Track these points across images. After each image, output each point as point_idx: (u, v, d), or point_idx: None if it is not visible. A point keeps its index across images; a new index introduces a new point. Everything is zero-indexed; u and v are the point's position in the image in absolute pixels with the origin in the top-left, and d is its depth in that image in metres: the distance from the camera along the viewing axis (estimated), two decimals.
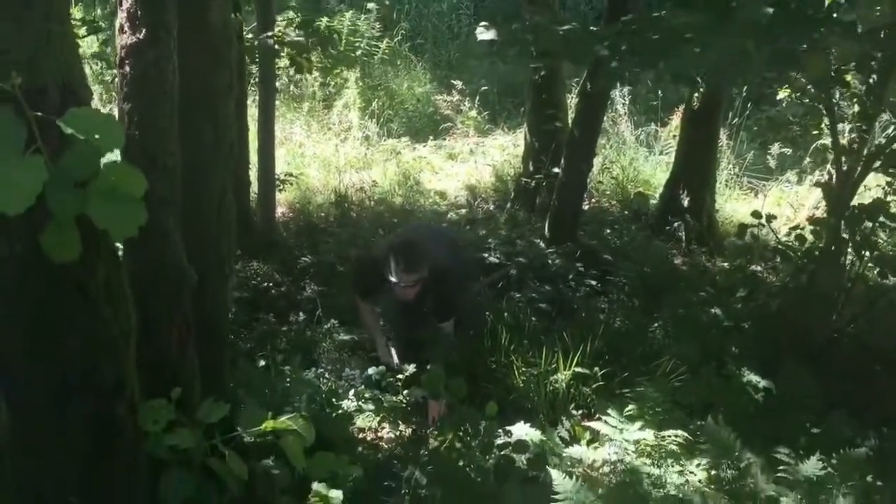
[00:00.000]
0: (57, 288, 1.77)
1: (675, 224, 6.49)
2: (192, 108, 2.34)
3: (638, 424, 3.67)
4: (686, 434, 3.54)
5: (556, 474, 2.73)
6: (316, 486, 2.13)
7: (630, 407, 3.76)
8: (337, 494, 2.12)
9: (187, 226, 2.32)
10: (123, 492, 1.93)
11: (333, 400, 3.43)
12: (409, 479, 2.76)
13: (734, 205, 7.26)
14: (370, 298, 4.60)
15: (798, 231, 4.90)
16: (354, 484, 2.32)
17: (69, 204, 1.57)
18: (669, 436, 3.57)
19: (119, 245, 1.99)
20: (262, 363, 3.93)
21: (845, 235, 4.73)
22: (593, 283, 5.60)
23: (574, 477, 2.75)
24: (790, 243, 4.93)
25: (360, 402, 3.59)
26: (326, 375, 3.93)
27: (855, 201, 4.68)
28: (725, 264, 6.23)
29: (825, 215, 4.86)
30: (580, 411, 4.16)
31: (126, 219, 1.59)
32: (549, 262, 5.76)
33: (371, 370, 4.08)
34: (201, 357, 2.36)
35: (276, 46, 5.42)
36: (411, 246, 4.31)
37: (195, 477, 1.78)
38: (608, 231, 6.57)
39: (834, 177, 4.70)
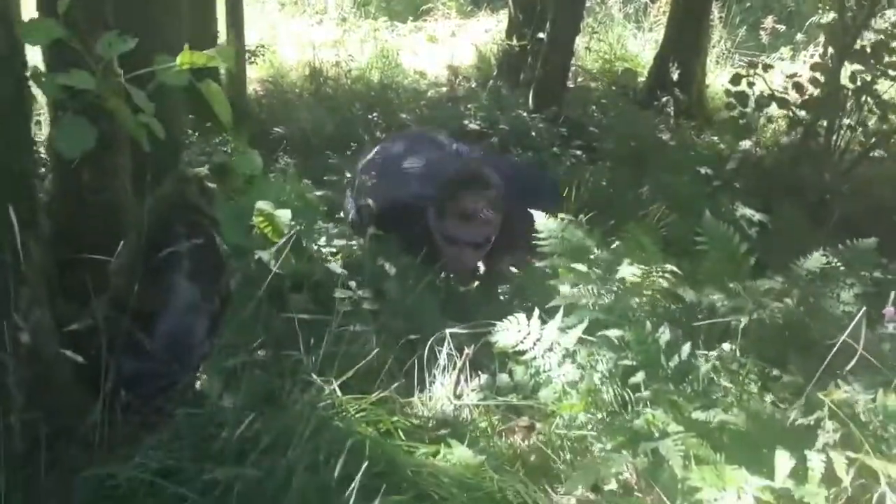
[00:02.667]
0: None
1: (664, 99, 6.23)
2: None
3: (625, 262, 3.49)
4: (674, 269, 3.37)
5: None
6: (260, 204, 1.89)
7: (616, 244, 3.59)
8: (284, 214, 1.87)
9: None
10: None
11: None
12: None
13: (725, 81, 7.00)
14: None
15: (795, 79, 4.67)
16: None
17: None
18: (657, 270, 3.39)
19: None
20: None
21: (845, 83, 4.52)
22: (578, 153, 5.39)
23: None
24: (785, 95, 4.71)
25: None
26: None
27: None
28: (715, 138, 6.02)
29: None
30: None
31: None
32: (533, 130, 5.52)
33: None
34: None
35: None
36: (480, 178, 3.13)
37: (97, 126, 1.51)
38: (594, 108, 6.32)
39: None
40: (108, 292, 1.87)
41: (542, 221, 2.29)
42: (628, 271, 2.51)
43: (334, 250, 3.03)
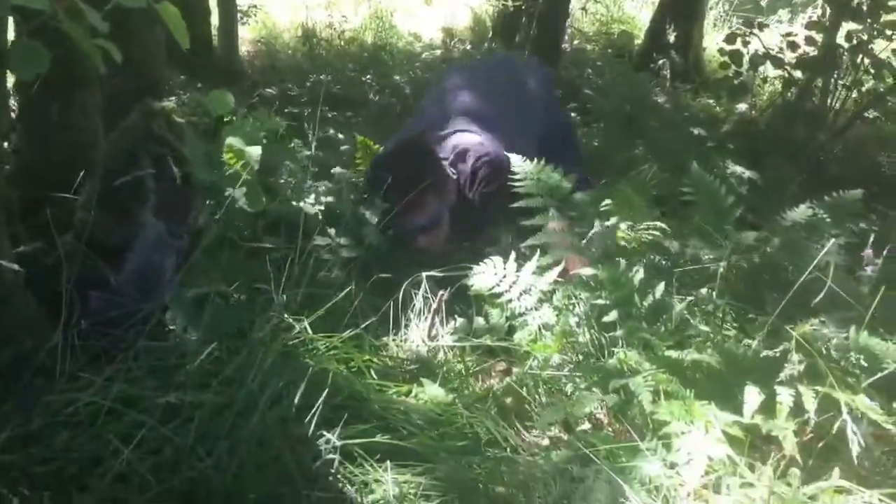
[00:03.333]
0: None
1: (660, 61, 6.19)
2: None
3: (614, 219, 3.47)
4: (664, 226, 3.35)
5: None
6: (230, 140, 1.86)
7: (606, 202, 3.56)
8: (255, 151, 1.84)
9: None
10: None
11: None
12: None
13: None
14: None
15: (791, 38, 4.61)
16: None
17: None
18: (646, 227, 3.37)
19: None
20: None
21: (841, 42, 4.47)
22: (573, 115, 5.35)
23: None
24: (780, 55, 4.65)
25: None
26: None
27: None
28: (710, 101, 5.97)
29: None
30: None
31: None
32: None
33: None
34: None
35: None
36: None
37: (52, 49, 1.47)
38: (590, 70, 6.26)
39: None
40: (74, 228, 1.85)
41: (519, 163, 2.26)
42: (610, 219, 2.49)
43: (321, 207, 3.02)
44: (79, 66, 1.92)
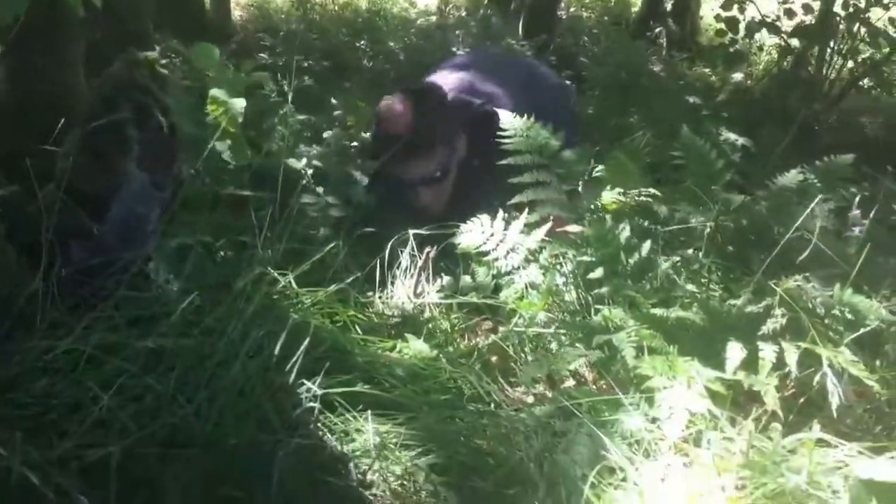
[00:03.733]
0: None
1: (657, 29, 6.16)
2: None
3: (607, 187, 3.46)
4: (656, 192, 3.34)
5: None
6: (214, 91, 1.84)
7: (598, 168, 3.54)
8: (239, 103, 1.82)
9: None
10: None
11: None
12: None
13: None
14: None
15: (788, 6, 4.57)
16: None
17: None
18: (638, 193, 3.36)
19: None
20: None
21: (838, 10, 4.43)
22: (568, 82, 5.31)
23: None
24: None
25: None
26: None
27: None
28: (706, 70, 5.94)
29: None
30: None
31: None
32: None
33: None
34: None
35: None
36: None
37: None
38: (585, 37, 6.23)
39: None
40: (56, 178, 1.84)
41: (508, 119, 2.25)
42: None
43: (310, 170, 2.99)
44: (59, 11, 1.89)
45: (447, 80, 2.88)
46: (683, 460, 1.59)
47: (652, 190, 3.37)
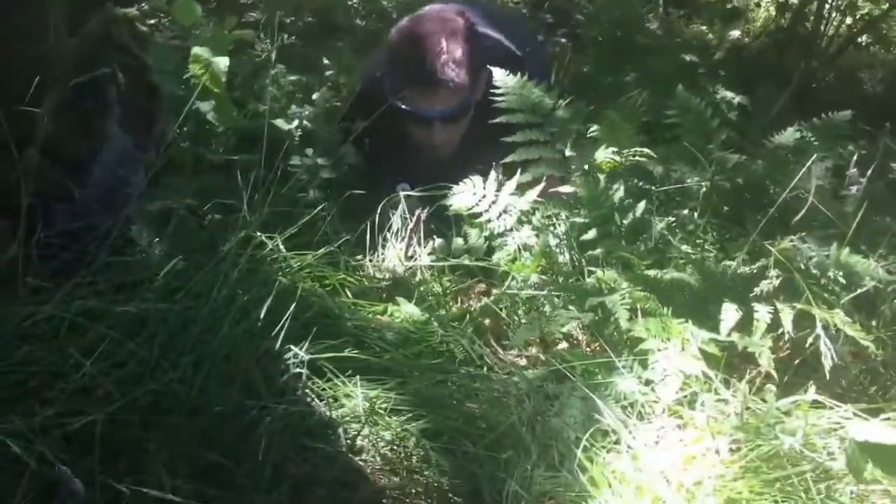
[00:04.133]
0: None
1: None
2: None
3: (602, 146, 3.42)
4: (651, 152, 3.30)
5: None
6: (197, 49, 1.79)
7: (594, 128, 3.50)
8: (222, 61, 1.77)
9: None
10: None
11: None
12: None
13: None
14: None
15: None
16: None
17: None
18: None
19: None
20: None
21: None
22: (563, 40, 5.24)
23: None
24: None
25: None
26: None
27: None
28: (704, 28, 5.85)
29: None
30: None
31: None
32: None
33: None
34: None
35: None
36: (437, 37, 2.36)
37: None
38: None
39: None
40: (36, 141, 1.79)
41: (500, 77, 2.19)
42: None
43: (299, 131, 2.93)
44: None
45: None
46: (677, 423, 1.57)
47: (646, 150, 3.34)
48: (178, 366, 1.45)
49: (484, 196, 2.18)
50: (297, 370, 1.53)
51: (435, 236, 2.28)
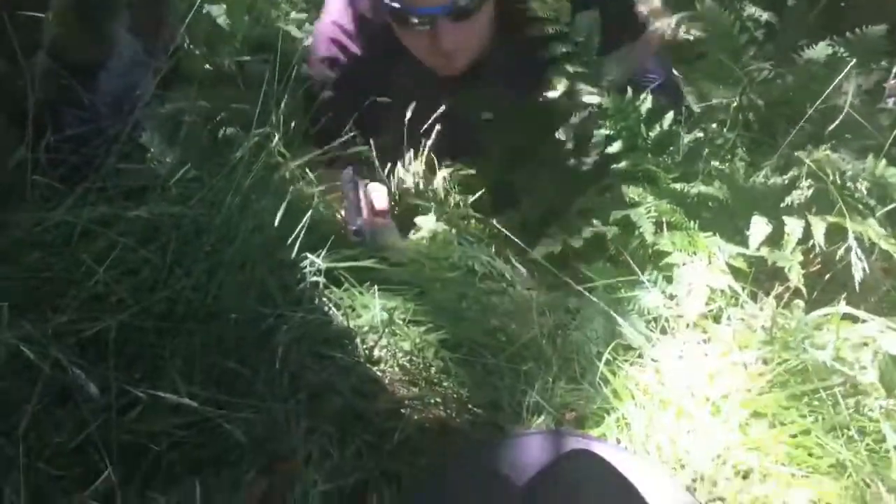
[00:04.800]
0: None
1: None
2: None
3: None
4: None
5: None
6: None
7: None
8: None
9: None
10: None
11: None
12: None
13: None
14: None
15: None
16: None
17: None
18: None
19: None
20: None
21: None
22: None
23: None
24: None
25: None
26: None
27: None
28: None
29: None
30: None
31: None
32: None
33: None
34: None
35: None
36: None
37: None
38: None
39: None
40: (44, 46, 1.73)
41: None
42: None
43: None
44: None
45: None
46: (702, 337, 1.54)
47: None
48: (191, 273, 1.42)
49: None
50: (314, 279, 1.49)
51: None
